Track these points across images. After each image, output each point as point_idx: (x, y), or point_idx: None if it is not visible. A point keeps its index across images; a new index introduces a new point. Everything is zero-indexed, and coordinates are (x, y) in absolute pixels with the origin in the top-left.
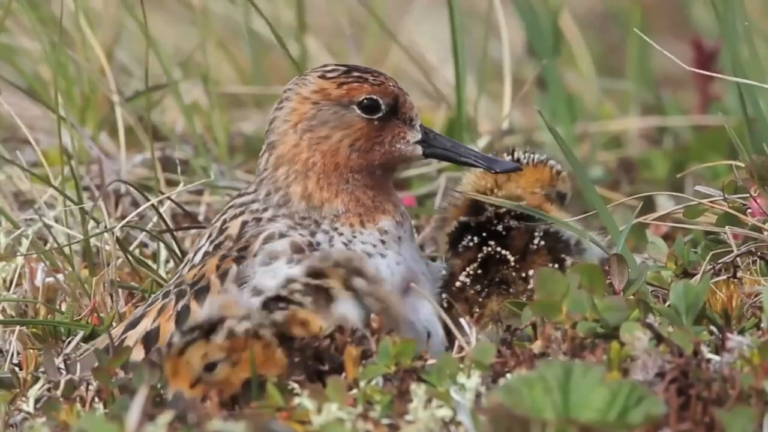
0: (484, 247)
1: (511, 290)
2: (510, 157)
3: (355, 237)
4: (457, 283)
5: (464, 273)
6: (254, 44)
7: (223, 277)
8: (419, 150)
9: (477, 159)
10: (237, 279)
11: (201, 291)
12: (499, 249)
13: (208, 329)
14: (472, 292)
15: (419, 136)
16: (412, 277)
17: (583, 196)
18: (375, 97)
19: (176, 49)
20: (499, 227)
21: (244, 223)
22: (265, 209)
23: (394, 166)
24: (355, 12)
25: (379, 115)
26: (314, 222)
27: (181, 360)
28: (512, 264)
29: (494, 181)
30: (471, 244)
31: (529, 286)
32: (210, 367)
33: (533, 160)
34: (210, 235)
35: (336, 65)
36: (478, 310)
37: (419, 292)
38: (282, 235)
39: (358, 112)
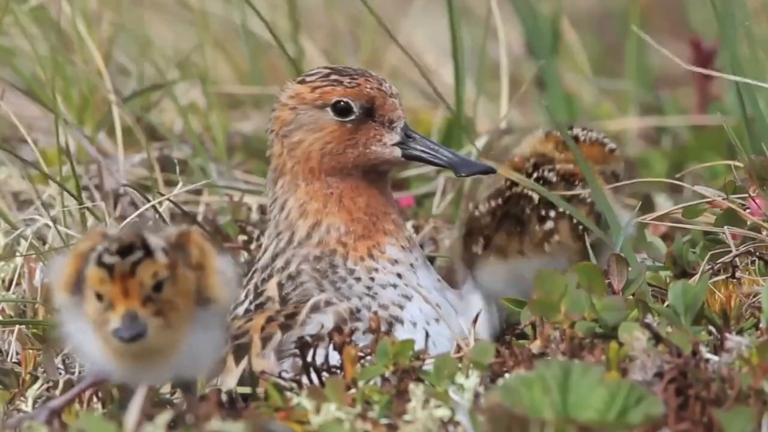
0: (515, 188)
1: (519, 229)
2: (569, 130)
3: (372, 280)
4: (476, 212)
5: (486, 204)
6: (251, 44)
7: (266, 340)
8: (398, 152)
9: (448, 161)
10: (278, 348)
11: (241, 347)
12: (526, 191)
13: (146, 250)
14: (484, 222)
15: (397, 138)
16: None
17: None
18: (347, 99)
19: (174, 49)
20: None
21: (281, 285)
22: (288, 263)
23: (374, 168)
24: (352, 12)
25: (352, 117)
26: (330, 266)
27: (133, 280)
28: (535, 203)
29: (554, 149)
30: (503, 186)
31: (546, 227)
32: (158, 287)
33: (589, 137)
34: (246, 295)
35: (323, 68)
36: (482, 240)
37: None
38: (328, 303)
39: (332, 114)
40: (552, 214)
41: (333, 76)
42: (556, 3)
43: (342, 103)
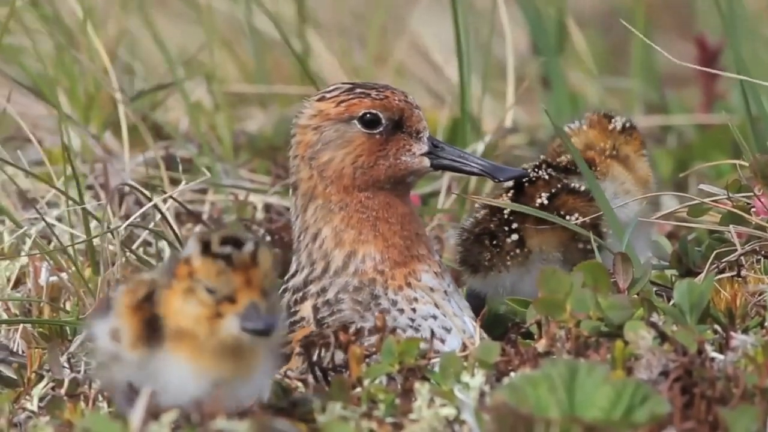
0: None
1: (492, 243)
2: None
3: (414, 311)
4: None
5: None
6: (257, 43)
7: None
8: (426, 162)
9: (482, 169)
10: None
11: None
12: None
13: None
14: (463, 239)
15: (425, 148)
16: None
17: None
18: (375, 111)
19: (180, 48)
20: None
21: (316, 308)
22: (324, 290)
23: (403, 180)
24: (359, 9)
25: (380, 129)
26: (372, 296)
27: (256, 270)
28: (505, 217)
29: (612, 145)
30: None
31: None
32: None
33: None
34: None
35: (342, 84)
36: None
37: None
38: (371, 332)
39: (359, 127)
40: (515, 226)
41: (358, 90)
42: (562, 2)
43: (369, 115)
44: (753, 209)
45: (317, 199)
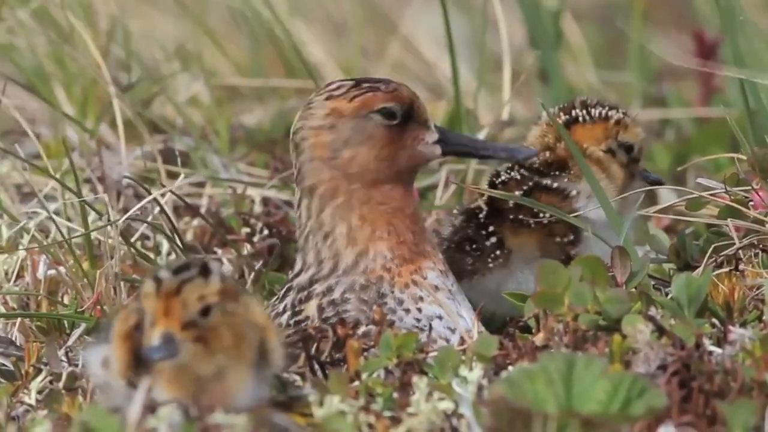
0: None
1: (472, 247)
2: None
3: (420, 311)
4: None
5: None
6: (253, 36)
7: None
8: (438, 150)
9: (497, 151)
10: None
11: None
12: (478, 207)
13: (203, 271)
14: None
15: (436, 136)
16: None
17: None
18: (390, 104)
19: (176, 41)
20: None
21: (321, 308)
22: (330, 289)
23: (417, 170)
24: (354, 3)
25: (397, 121)
26: (379, 295)
27: (175, 299)
28: (481, 220)
29: (557, 137)
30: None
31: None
32: (205, 311)
33: (596, 115)
34: (284, 309)
35: (344, 81)
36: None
37: None
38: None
39: (378, 120)
40: (492, 228)
41: (364, 84)
42: None
43: (386, 108)
44: (751, 203)
45: (338, 197)
